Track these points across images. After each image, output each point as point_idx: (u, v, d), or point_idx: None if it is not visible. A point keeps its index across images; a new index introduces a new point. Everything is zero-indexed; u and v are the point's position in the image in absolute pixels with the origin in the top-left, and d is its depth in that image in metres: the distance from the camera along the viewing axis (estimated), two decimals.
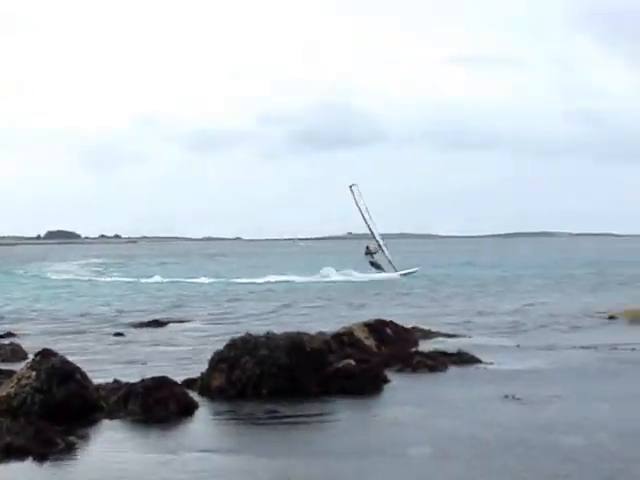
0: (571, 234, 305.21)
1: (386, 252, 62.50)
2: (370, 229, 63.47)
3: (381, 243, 62.81)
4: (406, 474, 9.74)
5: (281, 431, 12.12)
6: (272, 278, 56.08)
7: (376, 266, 61.52)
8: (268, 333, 15.22)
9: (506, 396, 13.84)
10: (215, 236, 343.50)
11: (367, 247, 62.47)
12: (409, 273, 60.02)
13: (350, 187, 63.96)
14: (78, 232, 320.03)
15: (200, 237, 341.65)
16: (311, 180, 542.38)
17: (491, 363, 17.54)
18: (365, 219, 63.62)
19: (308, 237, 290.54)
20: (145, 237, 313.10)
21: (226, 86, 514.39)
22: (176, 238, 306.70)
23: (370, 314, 24.42)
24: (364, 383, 14.80)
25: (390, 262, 61.98)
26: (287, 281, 54.97)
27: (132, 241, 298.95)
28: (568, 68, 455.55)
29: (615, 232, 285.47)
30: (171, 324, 28.02)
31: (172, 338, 24.12)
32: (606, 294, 40.43)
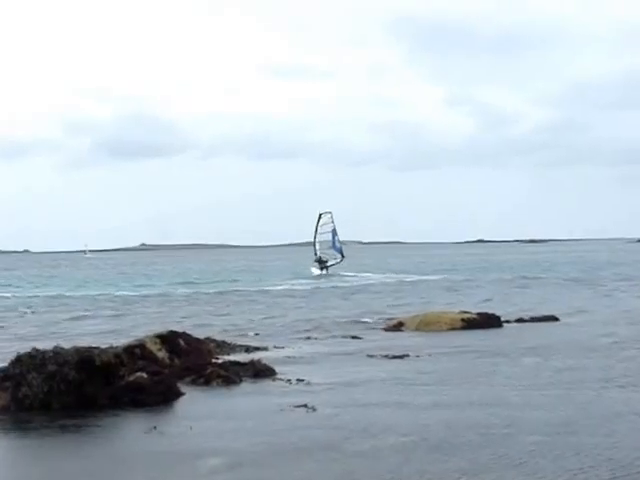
0: (361, 242, 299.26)
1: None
2: (315, 248, 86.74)
3: (318, 255, 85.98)
4: None
5: (68, 443, 12.00)
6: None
7: (321, 268, 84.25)
8: (56, 347, 14.84)
9: (297, 406, 14.10)
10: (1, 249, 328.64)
11: (320, 257, 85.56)
12: (332, 265, 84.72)
13: (320, 214, 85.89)
14: None
15: None
16: (111, 191, 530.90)
17: (284, 374, 17.69)
18: (314, 243, 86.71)
19: (99, 249, 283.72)
20: None
21: (32, 94, 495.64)
22: None
23: None
24: (156, 396, 14.73)
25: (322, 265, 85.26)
26: None
27: None
28: (377, 80, 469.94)
29: (402, 240, 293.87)
30: None
31: None
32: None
